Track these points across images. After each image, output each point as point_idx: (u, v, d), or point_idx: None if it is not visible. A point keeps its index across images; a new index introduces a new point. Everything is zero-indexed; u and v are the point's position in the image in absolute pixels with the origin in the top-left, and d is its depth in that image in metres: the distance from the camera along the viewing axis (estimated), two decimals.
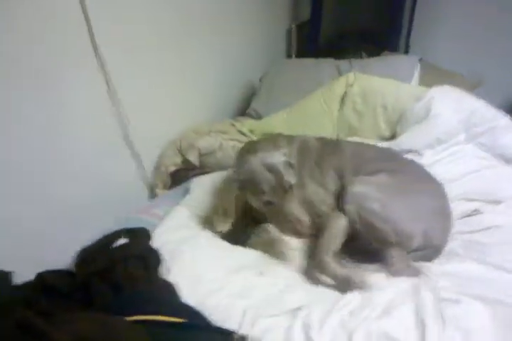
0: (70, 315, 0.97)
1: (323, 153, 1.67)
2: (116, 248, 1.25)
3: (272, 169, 1.41)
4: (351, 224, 1.45)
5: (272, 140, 1.67)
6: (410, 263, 1.45)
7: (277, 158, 1.44)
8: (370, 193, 1.48)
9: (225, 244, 1.56)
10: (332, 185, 1.60)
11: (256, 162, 1.42)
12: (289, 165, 1.46)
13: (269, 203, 1.43)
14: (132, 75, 1.93)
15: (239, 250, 1.56)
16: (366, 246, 1.49)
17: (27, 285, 1.12)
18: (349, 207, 1.47)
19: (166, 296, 1.14)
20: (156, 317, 1.00)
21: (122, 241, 1.29)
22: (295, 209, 1.45)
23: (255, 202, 1.46)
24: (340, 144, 1.74)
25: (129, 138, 1.96)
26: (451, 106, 2.02)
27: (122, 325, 0.92)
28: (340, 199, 1.54)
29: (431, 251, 1.50)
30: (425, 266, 1.47)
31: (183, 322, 0.99)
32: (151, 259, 1.25)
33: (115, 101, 1.84)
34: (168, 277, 1.31)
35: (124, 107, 1.89)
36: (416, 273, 1.41)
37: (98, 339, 0.85)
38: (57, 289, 1.13)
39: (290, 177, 1.42)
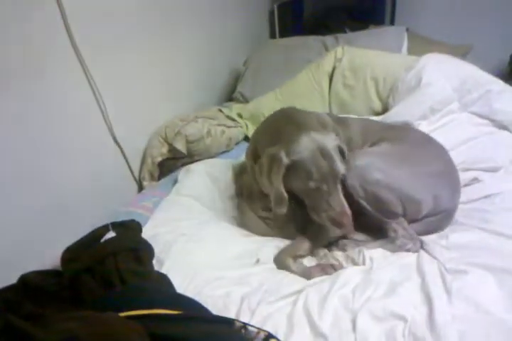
0: (59, 315, 0.92)
1: (335, 124, 1.63)
2: (105, 242, 1.19)
3: (326, 154, 1.30)
4: (356, 199, 1.41)
5: (307, 114, 1.57)
6: (414, 236, 1.41)
7: (331, 141, 1.34)
8: (372, 164, 1.44)
9: (219, 234, 1.51)
10: None
11: (310, 145, 1.31)
12: (341, 150, 1.38)
13: (315, 190, 1.33)
14: (112, 65, 1.87)
15: (234, 239, 1.51)
16: (370, 223, 1.46)
17: (9, 289, 1.07)
18: (352, 182, 1.42)
19: (161, 289, 1.09)
20: (151, 311, 0.95)
21: (111, 235, 1.24)
22: (342, 200, 1.34)
23: (299, 187, 1.35)
24: (346, 119, 1.71)
25: (112, 130, 1.89)
26: (443, 73, 1.96)
27: (115, 321, 0.87)
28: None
29: (443, 215, 1.47)
30: (429, 238, 1.44)
31: (180, 314, 0.94)
32: (142, 252, 1.20)
33: (95, 91, 1.78)
34: (161, 269, 1.27)
35: (104, 98, 1.82)
36: (419, 247, 1.38)
37: (89, 338, 0.80)
38: (43, 290, 1.08)
39: (341, 166, 1.33)
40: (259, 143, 1.52)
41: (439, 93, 1.92)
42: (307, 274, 1.34)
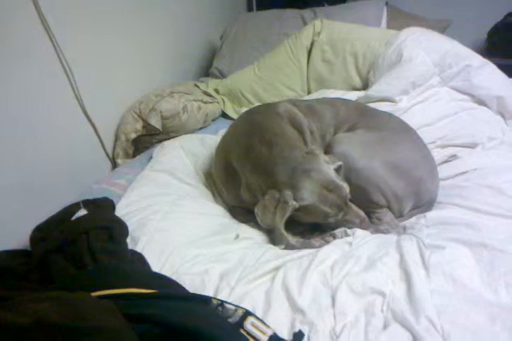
0: (28, 297, 0.88)
1: (308, 119, 1.59)
2: (76, 220, 1.15)
3: (331, 188, 1.30)
4: None
5: (279, 122, 1.50)
6: (398, 225, 1.43)
7: (329, 171, 1.32)
8: (353, 153, 1.44)
9: (196, 210, 1.47)
10: None
11: (315, 187, 1.28)
12: (337, 169, 1.37)
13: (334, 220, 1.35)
14: (83, 38, 1.79)
15: (211, 215, 1.48)
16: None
17: None
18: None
19: (135, 268, 1.05)
20: (124, 290, 0.91)
21: (82, 213, 1.19)
22: (356, 211, 1.37)
23: (315, 221, 1.37)
24: (316, 108, 1.65)
25: (84, 106, 1.82)
26: (423, 47, 1.93)
27: (87, 301, 0.83)
28: None
29: (425, 206, 1.49)
30: (410, 221, 1.46)
31: (154, 293, 0.91)
32: (115, 230, 1.15)
33: (64, 65, 1.70)
34: (135, 248, 1.22)
35: (75, 73, 1.75)
36: (402, 233, 1.39)
37: (60, 319, 0.76)
38: (11, 271, 1.03)
39: (346, 187, 1.33)
40: (232, 158, 1.47)
41: (420, 68, 1.89)
42: (307, 244, 1.35)
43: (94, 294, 0.90)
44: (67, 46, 1.68)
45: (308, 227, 1.44)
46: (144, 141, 1.98)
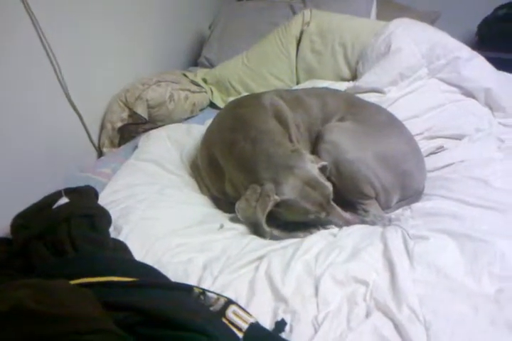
0: (7, 284, 0.87)
1: (294, 112, 1.57)
2: (57, 208, 1.13)
3: (314, 185, 1.28)
4: (329, 175, 1.41)
5: (264, 117, 1.48)
6: (384, 217, 1.43)
7: (312, 170, 1.30)
8: (344, 143, 1.44)
9: (181, 200, 1.46)
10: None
11: (298, 183, 1.27)
12: (322, 168, 1.36)
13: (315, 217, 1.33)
14: (69, 27, 1.75)
15: (196, 205, 1.47)
16: (342, 199, 1.43)
17: None
18: (325, 158, 1.42)
19: (115, 256, 1.04)
20: (104, 279, 0.90)
21: (64, 201, 1.17)
22: (340, 213, 1.36)
23: (295, 218, 1.35)
24: (303, 99, 1.63)
25: (68, 94, 1.79)
26: (412, 39, 1.92)
27: (64, 288, 0.82)
28: (315, 149, 1.50)
29: (413, 197, 1.49)
30: (396, 213, 1.46)
31: (134, 281, 0.90)
32: (97, 218, 1.13)
33: (49, 54, 1.67)
34: (118, 236, 1.21)
35: (59, 60, 1.71)
36: (388, 225, 1.39)
37: (36, 306, 0.75)
38: None
39: (329, 186, 1.32)
40: (216, 152, 1.45)
41: (409, 59, 1.88)
42: (291, 235, 1.34)
43: (73, 282, 0.89)
44: (51, 33, 1.64)
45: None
46: (130, 130, 1.95)
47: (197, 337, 0.79)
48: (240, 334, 0.86)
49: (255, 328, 0.87)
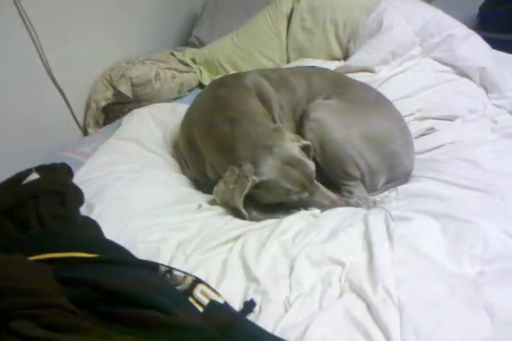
0: None
1: (278, 93, 1.53)
2: (26, 184, 1.10)
3: (295, 164, 1.23)
4: (314, 156, 1.38)
5: (246, 97, 1.43)
6: (369, 198, 1.39)
7: (292, 148, 1.25)
8: (329, 121, 1.39)
9: (160, 179, 1.42)
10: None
11: (277, 162, 1.22)
12: (305, 147, 1.31)
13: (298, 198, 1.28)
14: (52, 3, 1.70)
15: (175, 185, 1.43)
16: (326, 180, 1.40)
17: None
18: (310, 137, 1.39)
19: (80, 232, 1.01)
20: (66, 254, 0.87)
21: (34, 177, 1.14)
22: (325, 192, 1.32)
23: (278, 200, 1.30)
24: (288, 78, 1.57)
25: (51, 73, 1.75)
26: (404, 16, 1.86)
27: (17, 263, 0.79)
28: (299, 128, 1.46)
29: (401, 179, 1.46)
30: (381, 195, 1.43)
31: (97, 257, 0.87)
32: (68, 195, 1.10)
33: (31, 32, 1.63)
34: (91, 214, 1.18)
35: (42, 40, 1.67)
36: (373, 207, 1.35)
37: None
38: None
39: (311, 165, 1.27)
40: (195, 133, 1.41)
41: (400, 37, 1.82)
42: (271, 216, 1.30)
43: (33, 257, 0.87)
44: (33, 9, 1.60)
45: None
46: (115, 109, 1.91)
47: (157, 315, 0.77)
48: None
49: (215, 305, 0.84)
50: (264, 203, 1.32)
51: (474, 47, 1.79)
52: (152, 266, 0.92)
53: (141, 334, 0.73)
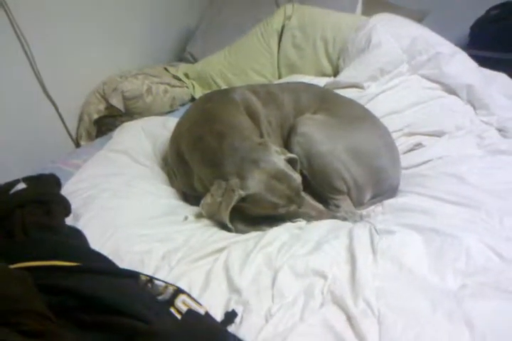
0: None
1: (266, 108, 1.55)
2: (13, 194, 1.11)
3: (281, 178, 1.24)
4: (301, 168, 1.39)
5: (233, 111, 1.45)
6: (356, 213, 1.40)
7: (278, 162, 1.27)
8: (316, 135, 1.41)
9: (148, 191, 1.43)
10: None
11: (263, 177, 1.23)
12: (291, 160, 1.33)
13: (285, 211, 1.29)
14: (46, 17, 1.75)
15: (162, 197, 1.44)
16: (313, 193, 1.42)
17: None
18: (297, 151, 1.41)
19: (63, 241, 1.01)
20: (47, 263, 0.88)
21: (21, 187, 1.15)
22: (312, 204, 1.34)
23: (265, 213, 1.31)
24: (277, 94, 1.60)
25: (44, 86, 1.78)
26: (392, 33, 1.90)
27: None
28: (287, 143, 1.48)
29: (387, 194, 1.46)
30: (368, 209, 1.43)
31: (77, 266, 0.87)
32: (53, 205, 1.11)
33: (25, 48, 1.66)
34: (77, 224, 1.18)
35: (36, 55, 1.70)
36: (359, 219, 1.37)
37: None
38: None
39: (298, 178, 1.28)
40: (183, 147, 1.42)
41: (389, 54, 1.86)
42: (256, 228, 1.31)
43: (15, 266, 0.87)
44: (26, 22, 1.63)
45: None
46: (107, 122, 1.94)
47: (135, 323, 0.77)
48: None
49: (192, 314, 0.84)
50: (252, 216, 1.33)
51: (461, 65, 1.83)
52: (133, 276, 0.92)
53: None
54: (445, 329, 0.89)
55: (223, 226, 1.29)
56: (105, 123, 1.94)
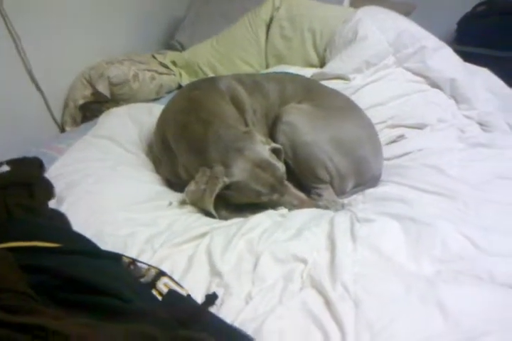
0: None
1: (252, 98, 1.56)
2: None
3: (265, 166, 1.26)
4: (285, 157, 1.40)
5: (219, 100, 1.46)
6: (338, 201, 1.42)
7: (263, 151, 1.28)
8: (301, 125, 1.42)
9: (132, 176, 1.43)
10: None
11: (247, 165, 1.24)
12: (275, 150, 1.34)
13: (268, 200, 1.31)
14: (34, 4, 1.72)
15: (147, 183, 1.45)
16: (296, 182, 1.43)
17: None
18: (282, 140, 1.42)
19: (45, 223, 1.02)
20: (29, 243, 0.88)
21: (4, 169, 1.15)
22: (295, 193, 1.35)
23: (248, 201, 1.32)
24: (263, 84, 1.61)
25: (31, 71, 1.77)
26: (379, 26, 1.91)
27: None
28: (272, 132, 1.49)
29: (369, 184, 1.48)
30: (350, 198, 1.46)
31: (59, 247, 0.88)
32: (36, 188, 1.12)
33: (12, 33, 1.64)
34: (60, 207, 1.19)
35: (22, 37, 1.68)
36: (341, 208, 1.40)
37: None
38: None
39: (282, 167, 1.30)
40: (168, 135, 1.42)
41: (375, 47, 1.87)
42: (240, 215, 1.32)
43: None
44: (13, 8, 1.61)
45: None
46: (93, 108, 1.93)
47: (115, 302, 0.78)
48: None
49: (173, 294, 0.86)
50: (235, 203, 1.35)
51: (445, 59, 1.85)
52: (115, 257, 0.93)
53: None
54: (419, 313, 0.92)
55: (207, 213, 1.31)
56: (91, 109, 1.93)
